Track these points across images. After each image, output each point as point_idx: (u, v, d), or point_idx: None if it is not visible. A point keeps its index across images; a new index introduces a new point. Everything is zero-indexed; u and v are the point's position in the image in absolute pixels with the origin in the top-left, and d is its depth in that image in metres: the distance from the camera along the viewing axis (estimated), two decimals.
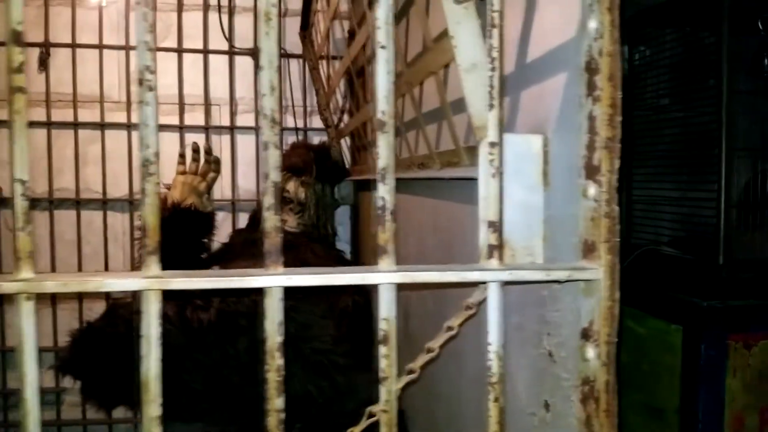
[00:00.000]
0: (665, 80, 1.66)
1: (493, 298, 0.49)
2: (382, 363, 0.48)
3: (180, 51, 2.19)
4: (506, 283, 0.50)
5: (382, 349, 0.48)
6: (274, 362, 0.47)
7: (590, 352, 0.50)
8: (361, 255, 2.14)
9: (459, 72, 0.60)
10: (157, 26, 2.09)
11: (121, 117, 2.18)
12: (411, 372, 0.62)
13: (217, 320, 1.31)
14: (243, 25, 2.24)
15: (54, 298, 2.17)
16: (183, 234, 1.71)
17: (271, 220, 0.46)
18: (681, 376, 1.41)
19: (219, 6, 2.19)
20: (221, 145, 2.25)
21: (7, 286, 0.43)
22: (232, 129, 2.23)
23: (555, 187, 0.58)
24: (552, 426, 0.59)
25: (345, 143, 2.18)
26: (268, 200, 0.46)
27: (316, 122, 2.29)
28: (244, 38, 2.24)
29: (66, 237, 2.18)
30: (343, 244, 2.22)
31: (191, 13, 2.21)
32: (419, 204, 1.16)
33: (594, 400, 0.50)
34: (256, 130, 2.26)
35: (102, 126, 2.16)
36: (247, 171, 2.27)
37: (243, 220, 2.26)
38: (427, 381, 1.05)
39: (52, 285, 0.44)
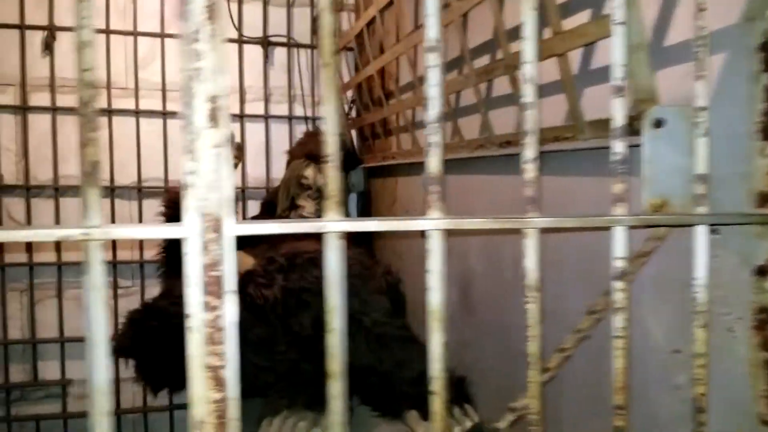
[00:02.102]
0: None
1: (701, 238, 0.58)
2: (618, 296, 0.56)
3: None
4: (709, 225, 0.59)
5: (618, 284, 0.56)
6: (534, 294, 0.54)
7: None
8: (373, 237, 2.20)
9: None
10: (165, 13, 2.12)
11: (128, 104, 2.15)
12: (593, 312, 0.71)
13: (282, 296, 1.35)
14: (252, 14, 2.25)
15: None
16: None
17: (530, 171, 0.53)
18: None
19: None
20: None
21: (329, 225, 0.49)
22: (241, 117, 2.24)
23: (713, 151, 0.67)
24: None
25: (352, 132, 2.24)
26: (528, 154, 0.53)
27: None
28: (253, 27, 2.25)
29: (71, 225, 2.12)
30: None
31: None
32: (471, 182, 1.24)
33: None
34: (265, 118, 2.28)
35: (109, 112, 2.12)
36: (257, 159, 2.29)
37: (252, 208, 2.28)
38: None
39: (360, 225, 0.50)
